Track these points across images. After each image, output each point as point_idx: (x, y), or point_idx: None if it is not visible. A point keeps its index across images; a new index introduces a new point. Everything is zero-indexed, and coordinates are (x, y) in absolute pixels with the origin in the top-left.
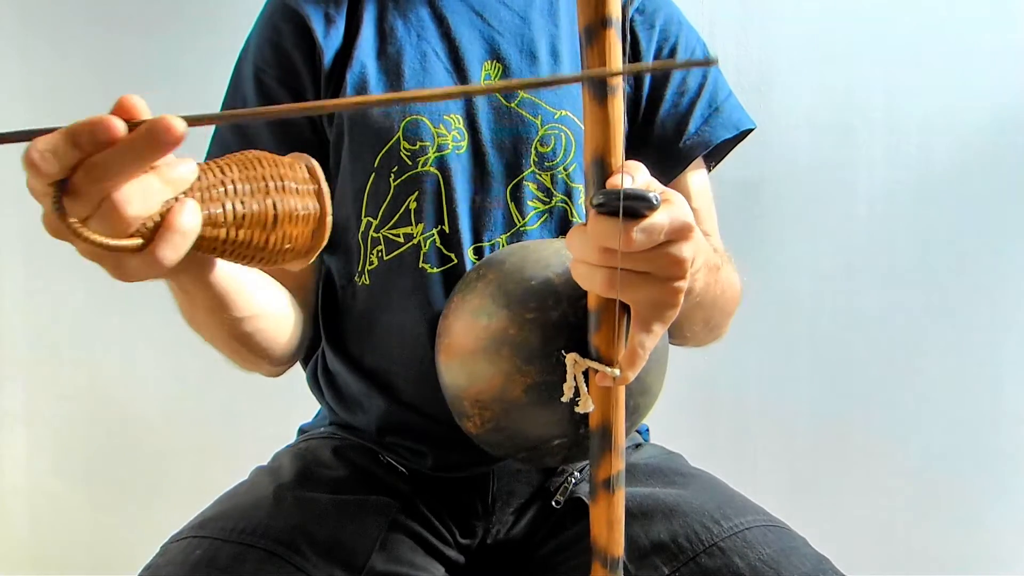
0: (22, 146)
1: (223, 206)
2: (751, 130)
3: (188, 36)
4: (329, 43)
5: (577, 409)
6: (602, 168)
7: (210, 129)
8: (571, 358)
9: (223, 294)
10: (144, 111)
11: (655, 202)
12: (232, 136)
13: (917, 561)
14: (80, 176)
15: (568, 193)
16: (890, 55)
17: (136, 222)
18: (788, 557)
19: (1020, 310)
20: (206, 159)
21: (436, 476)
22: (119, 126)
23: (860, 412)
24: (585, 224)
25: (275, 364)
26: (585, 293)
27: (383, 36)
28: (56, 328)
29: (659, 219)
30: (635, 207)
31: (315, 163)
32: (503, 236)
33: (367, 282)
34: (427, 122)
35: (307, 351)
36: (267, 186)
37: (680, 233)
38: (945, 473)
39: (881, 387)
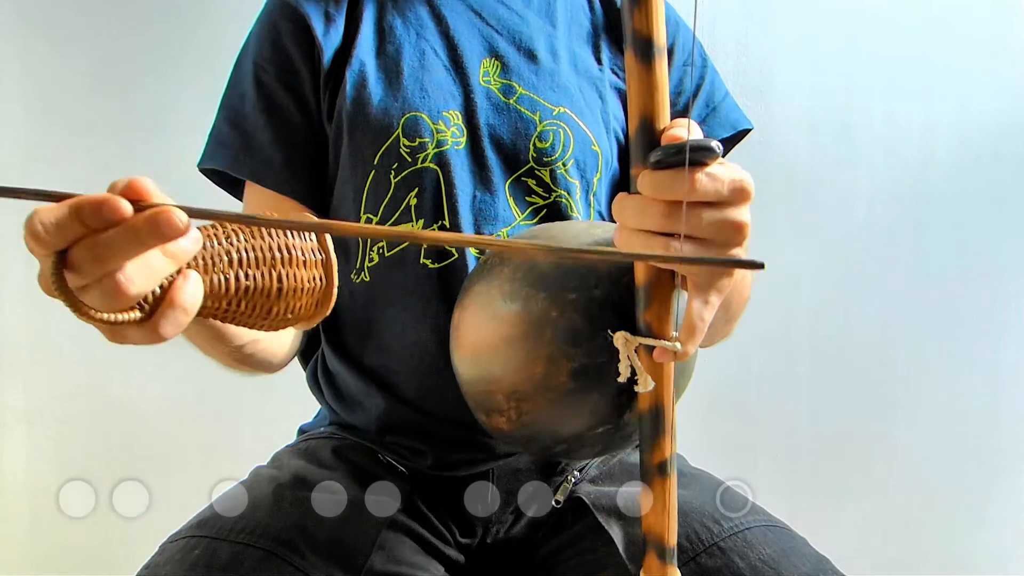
0: (22, 144)
1: (226, 277)
2: (748, 130)
3: (187, 36)
4: (328, 41)
5: (636, 388)
6: (649, 131)
7: (204, 120)
8: (621, 336)
9: (220, 331)
10: (154, 195)
11: (717, 150)
12: (232, 134)
13: (917, 561)
14: (81, 252)
15: (567, 188)
16: (890, 56)
17: (136, 299)
18: (788, 557)
19: (1020, 310)
20: (202, 158)
21: (436, 475)
22: (126, 208)
23: (860, 412)
24: (632, 193)
25: (275, 370)
26: (627, 270)
27: (382, 34)
28: (56, 328)
29: (722, 170)
30: (698, 157)
31: (327, 236)
32: (504, 230)
33: (367, 279)
34: (426, 119)
35: (306, 350)
36: (274, 257)
37: (741, 195)
38: (945, 473)
39: (881, 387)
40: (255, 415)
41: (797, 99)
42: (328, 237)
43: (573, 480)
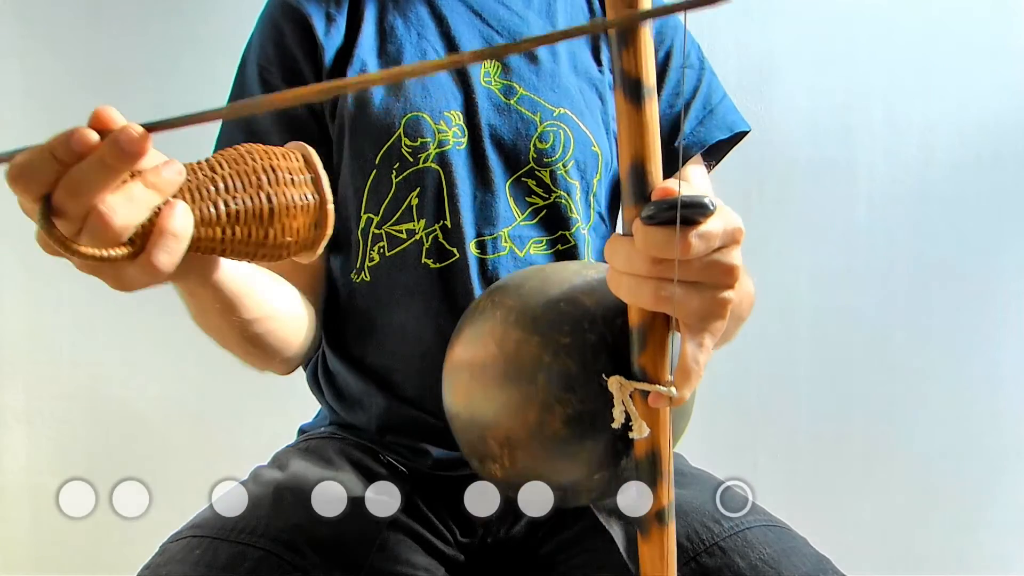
0: (22, 144)
1: (215, 204)
2: (746, 132)
3: (188, 36)
4: (330, 41)
5: (631, 435)
6: (641, 175)
7: (215, 129)
8: (616, 381)
9: (232, 295)
10: (118, 120)
11: (711, 208)
12: (238, 134)
13: (917, 561)
14: (61, 192)
15: (567, 189)
16: (890, 55)
17: (126, 231)
18: (788, 557)
19: (1020, 310)
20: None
21: (436, 475)
22: (92, 137)
23: (860, 412)
24: (623, 235)
25: (288, 364)
26: (620, 311)
27: (383, 35)
28: (56, 328)
29: (714, 225)
30: (691, 215)
31: (311, 151)
32: (504, 230)
33: (368, 279)
34: (427, 119)
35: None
36: (259, 179)
37: (731, 238)
38: (945, 473)
39: (881, 387)
40: (255, 415)
41: (797, 99)
42: (314, 155)
43: None
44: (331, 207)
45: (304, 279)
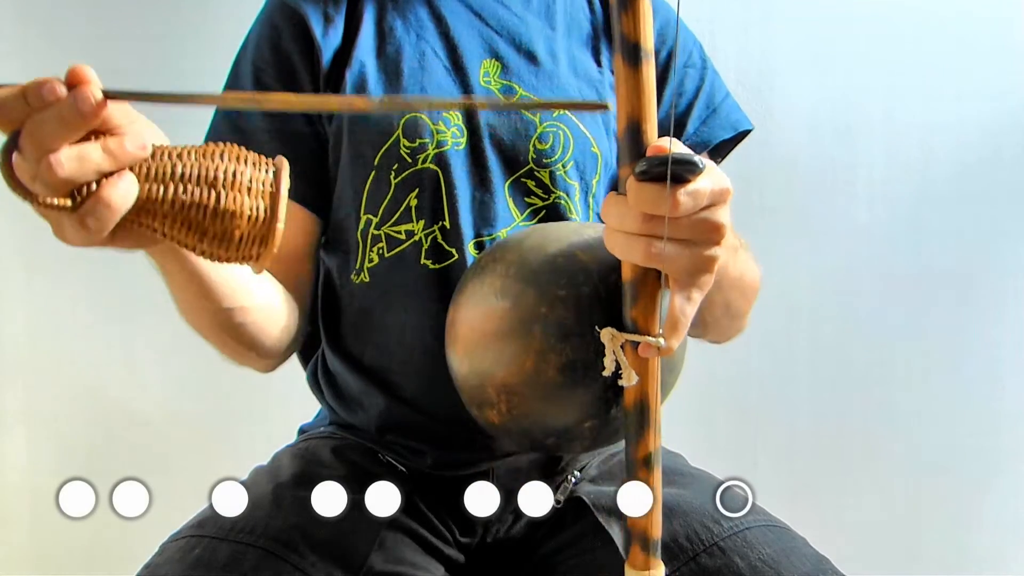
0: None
1: (164, 188)
2: (749, 131)
3: (188, 36)
4: (328, 43)
5: (620, 382)
6: (636, 134)
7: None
8: (608, 332)
9: (206, 281)
10: (92, 80)
11: (700, 166)
12: (227, 131)
13: (917, 561)
14: (24, 134)
15: (566, 190)
16: (890, 56)
17: (68, 185)
18: (788, 557)
19: (1020, 310)
20: None
21: (436, 475)
22: (60, 90)
23: (860, 412)
24: (618, 193)
25: (265, 357)
26: (614, 268)
27: (382, 35)
28: (56, 328)
29: (703, 183)
30: (681, 172)
31: (285, 168)
32: (503, 231)
33: (367, 279)
34: (426, 119)
35: (306, 350)
36: (216, 177)
37: (720, 196)
38: (945, 473)
39: (881, 387)
40: (255, 415)
41: (797, 99)
42: (285, 173)
43: (573, 480)
44: (280, 226)
45: (291, 277)
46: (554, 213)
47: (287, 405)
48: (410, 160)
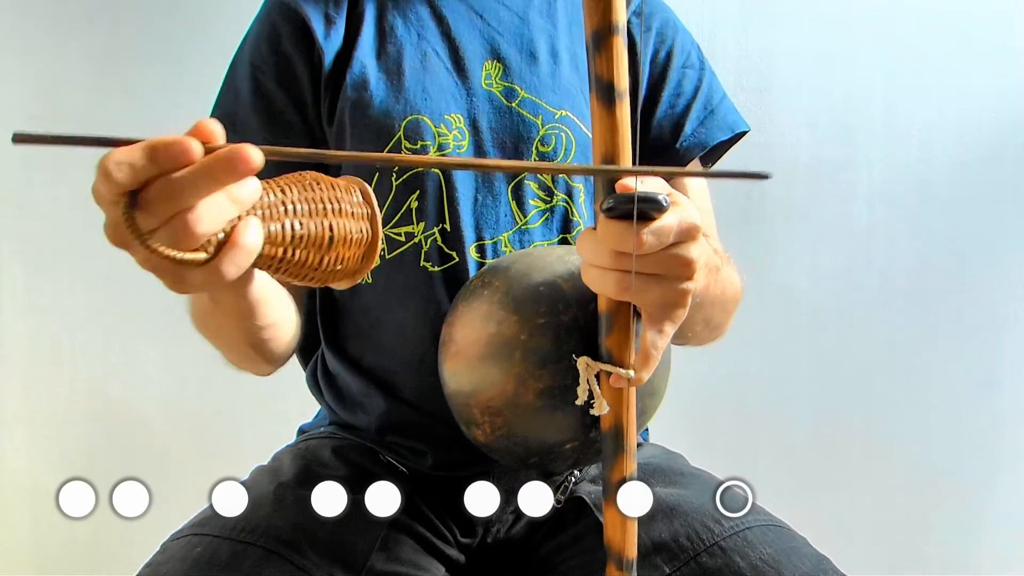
0: (18, 145)
1: (283, 225)
2: (746, 132)
3: (188, 35)
4: (329, 44)
5: (592, 411)
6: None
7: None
8: (583, 361)
9: (253, 304)
10: (220, 137)
11: (665, 204)
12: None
13: (917, 561)
14: (154, 191)
15: (569, 192)
16: (890, 56)
17: (204, 239)
18: (788, 557)
19: (1020, 310)
20: None
21: (436, 475)
22: (197, 148)
23: (860, 412)
24: (595, 228)
25: (272, 364)
26: (593, 297)
27: (383, 36)
28: (56, 329)
29: (668, 221)
30: (645, 209)
31: (368, 188)
32: (505, 234)
33: (368, 280)
34: (428, 121)
35: (305, 350)
36: (325, 208)
37: (688, 234)
38: (945, 473)
39: (881, 387)
40: (255, 415)
41: (797, 99)
42: (371, 193)
43: (573, 480)
44: (380, 243)
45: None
46: (557, 216)
47: (287, 405)
48: None
